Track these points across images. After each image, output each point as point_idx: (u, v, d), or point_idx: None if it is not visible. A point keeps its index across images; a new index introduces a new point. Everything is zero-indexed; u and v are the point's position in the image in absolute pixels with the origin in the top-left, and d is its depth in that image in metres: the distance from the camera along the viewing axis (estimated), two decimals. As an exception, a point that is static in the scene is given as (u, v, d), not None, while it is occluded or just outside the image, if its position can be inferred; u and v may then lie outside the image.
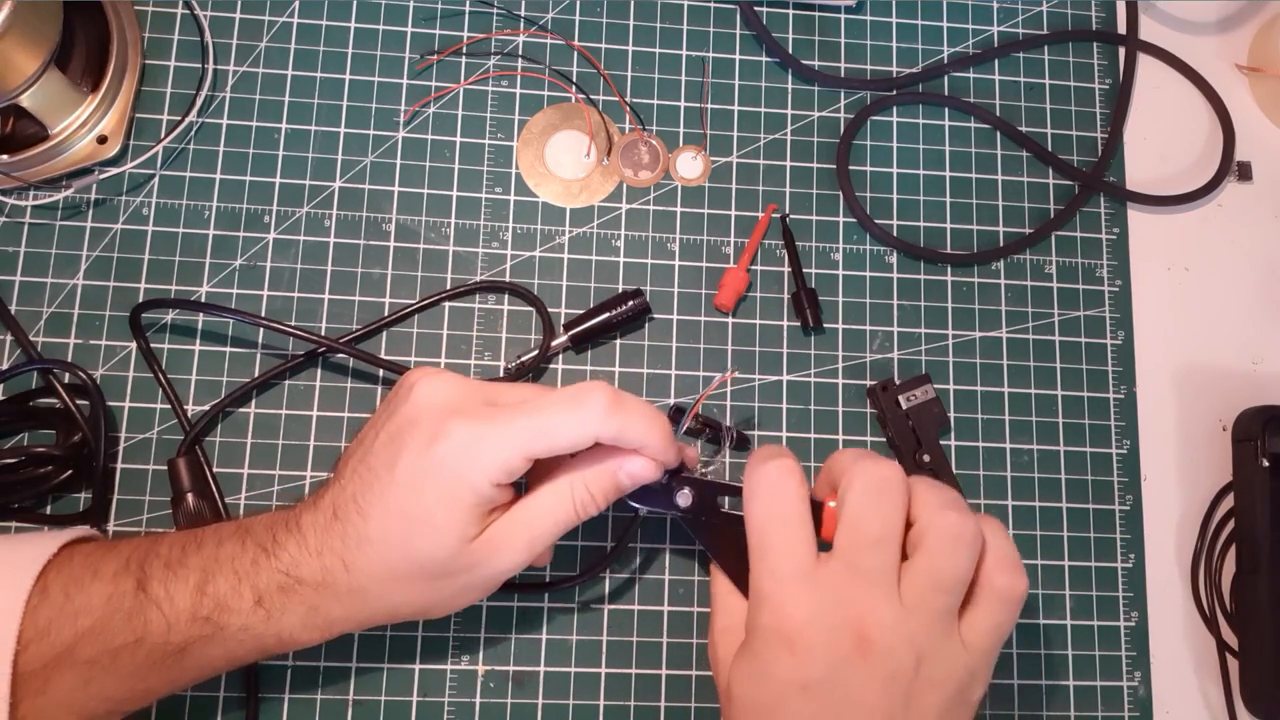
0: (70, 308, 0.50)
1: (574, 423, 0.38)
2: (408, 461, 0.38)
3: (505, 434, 0.38)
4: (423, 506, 0.38)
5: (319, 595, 0.39)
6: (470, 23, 0.56)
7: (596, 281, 0.53)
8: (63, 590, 0.37)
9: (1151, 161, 0.59)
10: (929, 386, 0.52)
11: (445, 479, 0.38)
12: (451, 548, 0.38)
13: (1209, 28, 0.61)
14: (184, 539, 0.40)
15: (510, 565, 0.40)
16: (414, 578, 0.39)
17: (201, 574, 0.38)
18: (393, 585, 0.39)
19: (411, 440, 0.38)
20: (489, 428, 0.38)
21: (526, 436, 0.38)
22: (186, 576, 0.38)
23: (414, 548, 0.38)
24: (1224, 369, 0.56)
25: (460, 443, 0.38)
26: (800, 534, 0.38)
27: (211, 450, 0.50)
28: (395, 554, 0.38)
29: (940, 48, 0.58)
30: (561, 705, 0.49)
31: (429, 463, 0.38)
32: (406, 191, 0.53)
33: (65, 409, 0.47)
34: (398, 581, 0.39)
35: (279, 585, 0.38)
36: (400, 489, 0.38)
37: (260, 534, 0.39)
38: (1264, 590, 0.51)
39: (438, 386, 0.39)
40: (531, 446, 0.38)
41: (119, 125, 0.52)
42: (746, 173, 0.55)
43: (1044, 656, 0.52)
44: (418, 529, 0.38)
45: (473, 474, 0.38)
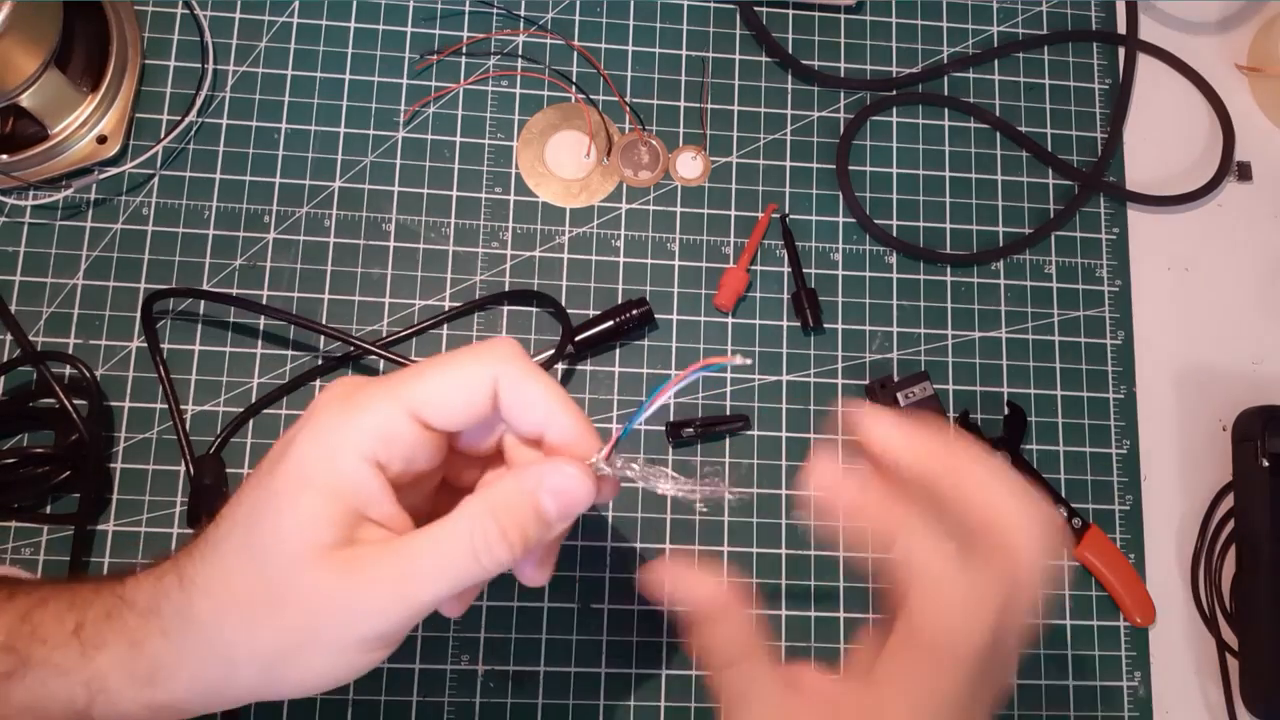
0: (70, 308, 0.50)
1: (467, 362, 0.31)
2: (275, 447, 0.31)
3: (382, 384, 0.31)
4: (272, 490, 0.30)
5: (144, 624, 0.31)
6: (470, 23, 0.56)
7: (596, 282, 0.53)
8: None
9: (1151, 161, 0.59)
10: (928, 384, 0.52)
11: (302, 451, 0.30)
12: (293, 545, 0.29)
13: (1209, 28, 0.61)
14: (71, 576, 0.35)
15: (376, 607, 0.29)
16: (252, 598, 0.30)
17: (38, 600, 0.32)
18: (227, 606, 0.30)
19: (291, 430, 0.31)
20: (364, 381, 0.31)
21: (411, 380, 0.30)
22: (21, 605, 0.32)
23: (255, 545, 0.30)
24: (1224, 369, 0.56)
25: (327, 405, 0.30)
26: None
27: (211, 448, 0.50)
28: (235, 558, 0.30)
29: (940, 48, 0.58)
30: (561, 705, 0.48)
31: (289, 438, 0.31)
32: (406, 191, 0.53)
33: (63, 409, 0.47)
34: (233, 601, 0.30)
35: (106, 612, 0.31)
36: (255, 478, 0.31)
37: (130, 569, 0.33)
38: (1264, 590, 0.51)
39: (337, 382, 0.33)
40: (416, 392, 0.30)
41: (119, 125, 0.52)
42: (746, 173, 0.55)
43: (1044, 656, 0.52)
44: (261, 518, 0.30)
45: (335, 437, 0.30)
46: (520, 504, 0.30)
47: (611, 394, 0.52)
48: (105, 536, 0.48)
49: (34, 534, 0.48)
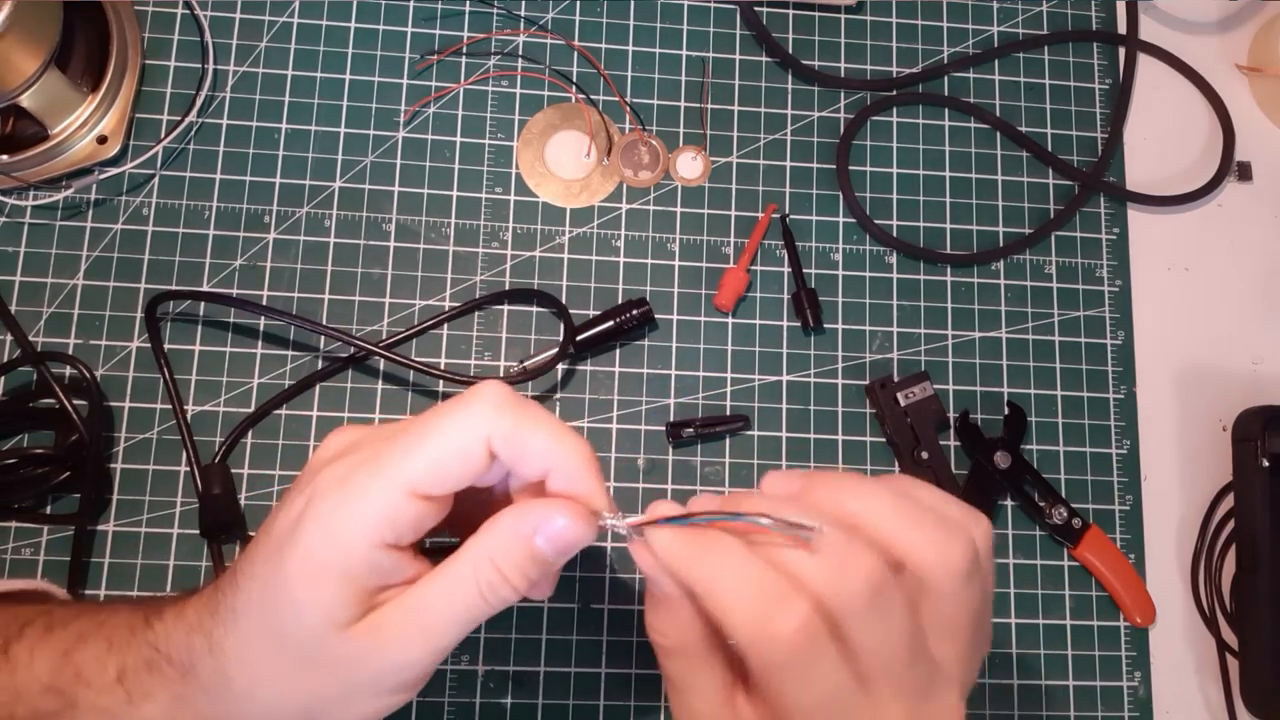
0: (70, 308, 0.50)
1: (456, 424, 0.30)
2: (279, 520, 0.31)
3: (374, 465, 0.30)
4: (281, 576, 0.30)
5: (185, 684, 0.31)
6: (470, 23, 0.56)
7: (596, 282, 0.53)
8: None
9: (1151, 161, 0.59)
10: (928, 384, 0.52)
11: (310, 537, 0.30)
12: (315, 629, 0.30)
13: (1209, 28, 0.61)
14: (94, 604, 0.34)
15: (405, 661, 0.30)
16: (281, 665, 0.31)
17: (76, 638, 0.32)
18: (259, 672, 0.31)
19: (289, 495, 0.31)
20: (357, 463, 0.30)
21: (400, 457, 0.30)
22: (60, 640, 0.32)
23: (275, 625, 0.30)
24: (1224, 369, 0.56)
25: (327, 488, 0.30)
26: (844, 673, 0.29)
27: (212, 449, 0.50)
28: (257, 631, 0.31)
29: (940, 48, 0.58)
30: (561, 705, 0.48)
31: (294, 517, 0.30)
32: (406, 191, 0.53)
33: (63, 409, 0.47)
34: (263, 667, 0.31)
35: (146, 661, 0.32)
36: (267, 551, 0.31)
37: (154, 604, 0.33)
38: (1264, 590, 0.51)
39: (338, 437, 0.33)
40: (409, 470, 0.29)
41: (119, 125, 0.52)
42: (746, 173, 0.55)
43: (1044, 656, 0.52)
44: (278, 601, 0.30)
45: (342, 528, 0.29)
46: (517, 548, 0.30)
47: (611, 394, 0.52)
48: (105, 537, 0.48)
49: (34, 534, 0.48)
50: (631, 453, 0.51)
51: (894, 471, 0.52)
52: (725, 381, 0.53)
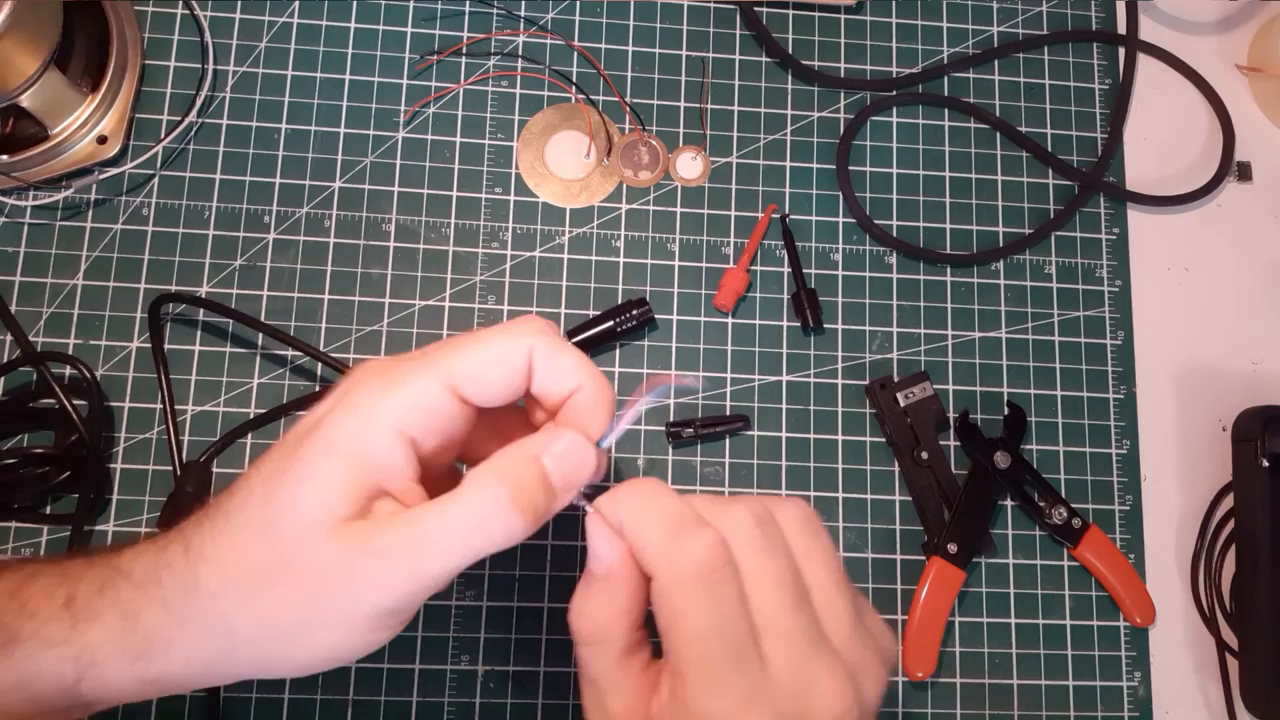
0: (70, 308, 0.50)
1: (502, 336, 0.31)
2: (304, 420, 0.31)
3: (419, 358, 0.31)
4: (296, 454, 0.30)
5: (141, 595, 0.30)
6: (470, 23, 0.56)
7: (596, 282, 0.53)
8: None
9: (1151, 161, 0.59)
10: (927, 384, 0.52)
11: (334, 420, 0.30)
12: (308, 515, 0.29)
13: (1209, 28, 0.61)
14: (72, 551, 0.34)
15: (387, 581, 0.29)
16: (258, 561, 0.29)
17: (27, 576, 0.32)
18: (232, 578, 0.30)
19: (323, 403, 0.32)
20: (401, 358, 0.32)
21: (446, 358, 0.31)
22: (10, 582, 0.32)
23: (269, 512, 0.30)
24: (1224, 369, 0.56)
25: (365, 378, 0.31)
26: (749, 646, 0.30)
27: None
28: (246, 527, 0.30)
29: (940, 48, 0.58)
30: (561, 705, 0.48)
31: (323, 410, 0.31)
32: (406, 191, 0.53)
33: (63, 409, 0.47)
34: (238, 565, 0.30)
35: (100, 583, 0.31)
36: (278, 450, 0.30)
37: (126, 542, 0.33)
38: (1264, 590, 0.51)
39: (374, 360, 0.33)
40: (452, 368, 0.30)
41: (119, 125, 0.52)
42: (746, 173, 0.55)
43: (1044, 656, 0.52)
44: (279, 485, 0.29)
45: (371, 409, 0.30)
46: (526, 470, 0.30)
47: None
48: (105, 537, 0.48)
49: (33, 534, 0.48)
50: (631, 453, 0.51)
51: (893, 471, 0.52)
52: (725, 381, 0.53)
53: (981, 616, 0.52)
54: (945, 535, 0.50)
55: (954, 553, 0.50)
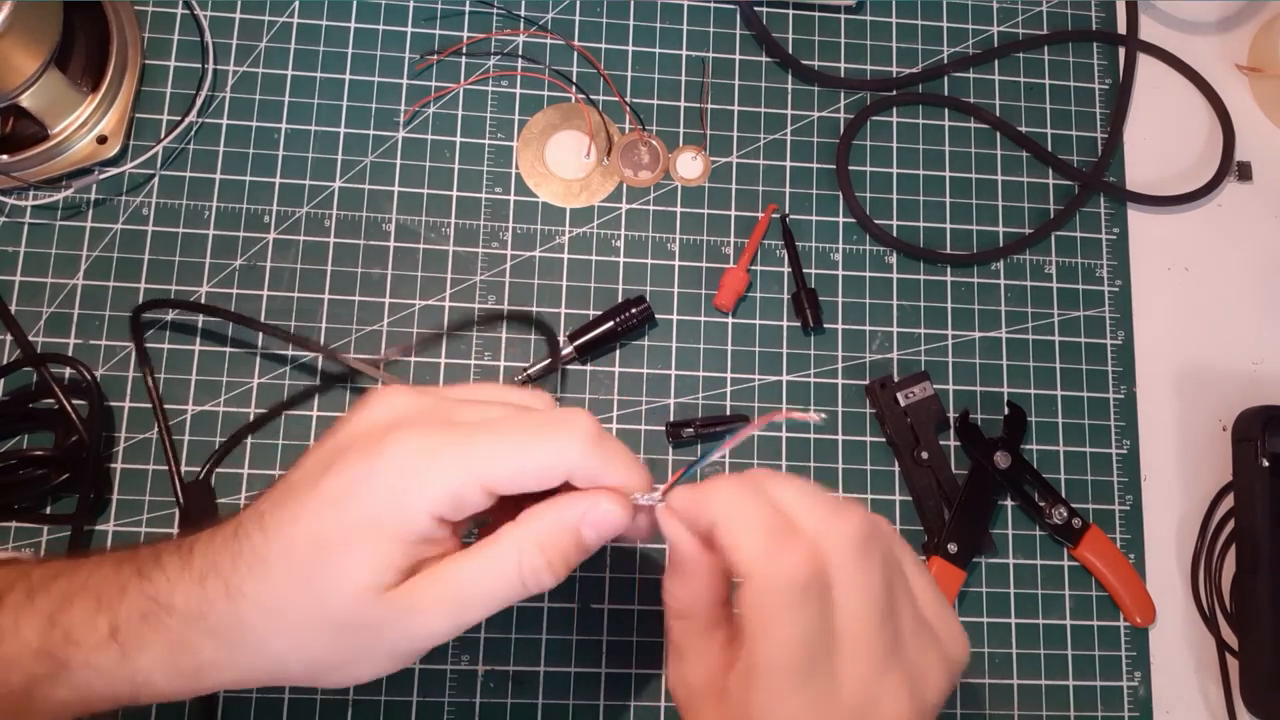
0: (70, 308, 0.50)
1: (549, 448, 0.31)
2: (336, 476, 0.31)
3: (461, 451, 0.31)
4: (340, 527, 0.31)
5: (188, 629, 0.31)
6: (470, 23, 0.56)
7: (596, 282, 0.53)
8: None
9: (1151, 161, 0.59)
10: (928, 384, 0.52)
11: (375, 497, 0.31)
12: (361, 588, 0.31)
13: (1209, 28, 0.61)
14: (68, 561, 0.34)
15: (426, 633, 0.32)
16: (308, 622, 0.31)
17: (61, 600, 0.32)
18: (281, 625, 0.31)
19: (344, 456, 0.32)
20: (442, 441, 0.31)
21: (487, 457, 0.31)
22: (44, 605, 0.32)
23: (318, 579, 0.31)
24: (1224, 369, 0.56)
25: (403, 455, 0.31)
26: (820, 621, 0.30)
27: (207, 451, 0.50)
28: (292, 582, 0.31)
29: (940, 48, 0.58)
30: (561, 705, 0.48)
31: (360, 476, 0.31)
32: (406, 191, 0.53)
33: (63, 410, 0.47)
34: (287, 621, 0.31)
35: (142, 613, 0.31)
36: (318, 505, 0.31)
37: (144, 557, 0.33)
38: (1264, 590, 0.51)
39: (390, 401, 0.33)
40: (492, 471, 0.31)
41: (119, 125, 0.52)
42: (746, 173, 0.55)
43: (1044, 656, 0.52)
44: (327, 555, 0.31)
45: (411, 495, 0.31)
46: (564, 537, 0.32)
47: (612, 394, 0.52)
48: (105, 537, 0.48)
49: (34, 534, 0.48)
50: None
51: (893, 471, 0.52)
52: (725, 381, 0.53)
53: (981, 616, 0.52)
54: (945, 535, 0.50)
55: (954, 553, 0.50)
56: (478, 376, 0.52)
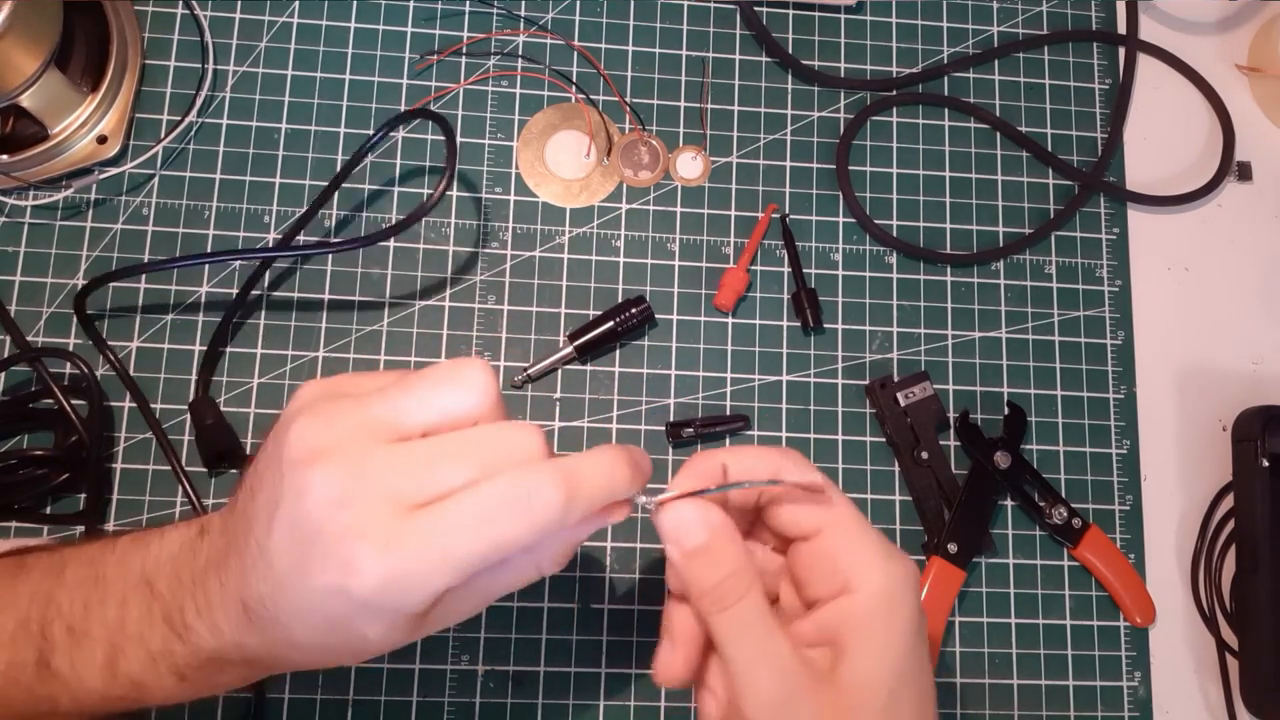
0: (70, 308, 0.50)
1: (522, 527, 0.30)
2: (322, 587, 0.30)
3: (439, 563, 0.30)
4: (349, 631, 0.31)
5: (251, 668, 0.34)
6: (470, 23, 0.56)
7: (596, 282, 0.53)
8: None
9: (1151, 161, 0.59)
10: (927, 384, 0.52)
11: (371, 613, 0.31)
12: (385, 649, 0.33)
13: (1209, 28, 0.61)
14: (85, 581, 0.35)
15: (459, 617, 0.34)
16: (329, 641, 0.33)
17: (109, 649, 0.34)
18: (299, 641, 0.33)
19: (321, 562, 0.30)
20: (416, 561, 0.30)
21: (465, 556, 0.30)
22: (93, 651, 0.34)
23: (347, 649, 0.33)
24: (1224, 369, 0.56)
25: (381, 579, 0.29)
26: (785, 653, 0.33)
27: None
28: (327, 653, 0.33)
29: (940, 48, 0.58)
30: (561, 705, 0.48)
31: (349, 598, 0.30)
32: (407, 191, 0.53)
33: (62, 409, 0.47)
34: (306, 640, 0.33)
35: (201, 664, 0.34)
36: (324, 613, 0.31)
37: (167, 600, 0.33)
38: (1264, 590, 0.51)
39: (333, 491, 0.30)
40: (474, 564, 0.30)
41: (119, 125, 0.52)
42: (746, 173, 0.55)
43: (1044, 656, 0.52)
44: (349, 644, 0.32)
45: (404, 606, 0.31)
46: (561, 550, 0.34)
47: (612, 394, 0.52)
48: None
49: (34, 535, 0.48)
50: (631, 453, 0.51)
51: (893, 471, 0.52)
52: (725, 381, 0.53)
53: (981, 616, 0.52)
54: (945, 535, 0.50)
55: (954, 553, 0.50)
56: (478, 376, 0.52)
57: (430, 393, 0.32)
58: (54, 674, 0.34)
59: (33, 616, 0.34)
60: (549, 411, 0.52)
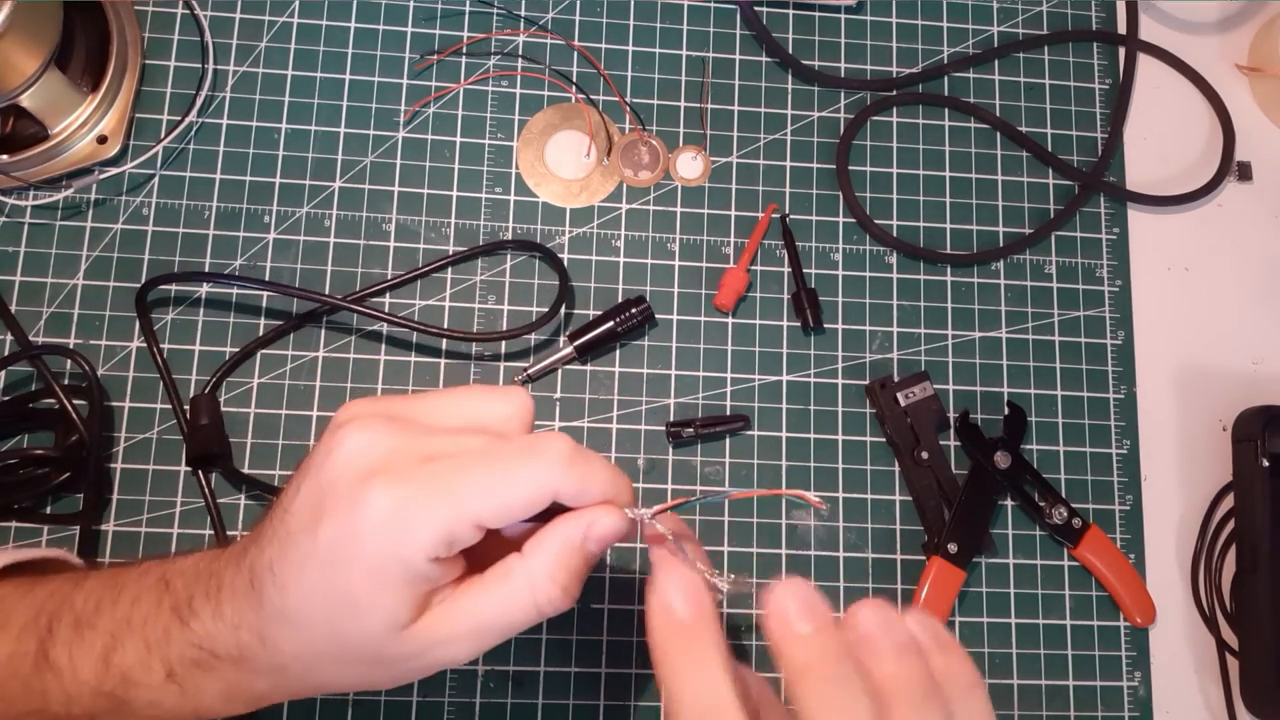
0: (70, 308, 0.50)
1: (529, 476, 0.32)
2: (328, 532, 0.31)
3: (443, 497, 0.31)
4: (344, 588, 0.31)
5: (238, 671, 0.34)
6: (470, 23, 0.56)
7: (596, 282, 0.53)
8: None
9: (1151, 161, 0.59)
10: (928, 384, 0.52)
11: (368, 556, 0.31)
12: (380, 634, 0.32)
13: (1209, 28, 0.61)
14: (104, 586, 0.35)
15: (454, 657, 0.33)
16: (343, 660, 0.33)
17: (110, 639, 0.34)
18: (319, 665, 0.34)
19: (331, 506, 0.32)
20: (421, 491, 0.31)
21: (471, 497, 0.31)
22: (94, 642, 0.34)
23: (338, 631, 0.32)
24: (1224, 369, 0.56)
25: (385, 511, 0.31)
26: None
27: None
28: (317, 634, 0.33)
29: (940, 48, 0.58)
30: (561, 705, 0.48)
31: (349, 535, 0.31)
32: (406, 191, 0.53)
33: (63, 409, 0.47)
34: (323, 662, 0.33)
35: (193, 659, 0.33)
36: (320, 563, 0.32)
37: (179, 593, 0.34)
38: (1264, 590, 0.51)
39: (362, 442, 0.32)
40: (479, 509, 0.31)
41: (119, 125, 0.52)
42: (746, 173, 0.55)
43: (1044, 656, 0.52)
44: (340, 612, 0.32)
45: (403, 548, 0.31)
46: (571, 560, 0.33)
47: (612, 394, 0.52)
48: (105, 536, 0.48)
49: (34, 534, 0.48)
50: (631, 453, 0.51)
51: (894, 471, 0.52)
52: (725, 381, 0.53)
53: (981, 616, 0.52)
54: (945, 535, 0.50)
55: (954, 553, 0.50)
56: (477, 375, 0.52)
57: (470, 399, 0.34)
58: (50, 665, 0.34)
59: (44, 612, 0.35)
60: (549, 411, 0.52)
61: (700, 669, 0.30)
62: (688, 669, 0.30)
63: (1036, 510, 0.52)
